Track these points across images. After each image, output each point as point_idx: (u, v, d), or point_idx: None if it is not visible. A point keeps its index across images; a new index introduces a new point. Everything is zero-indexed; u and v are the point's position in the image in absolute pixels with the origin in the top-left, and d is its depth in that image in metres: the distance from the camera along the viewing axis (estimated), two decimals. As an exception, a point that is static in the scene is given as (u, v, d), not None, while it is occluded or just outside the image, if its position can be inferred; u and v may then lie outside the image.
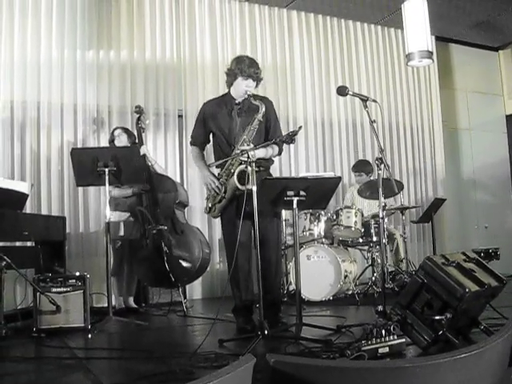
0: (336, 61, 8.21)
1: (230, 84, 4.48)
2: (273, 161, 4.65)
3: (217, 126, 4.49)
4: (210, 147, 4.72)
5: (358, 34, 8.46)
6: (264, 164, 4.43)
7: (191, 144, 4.74)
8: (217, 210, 4.45)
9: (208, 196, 4.53)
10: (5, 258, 4.31)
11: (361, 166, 7.03)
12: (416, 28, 6.27)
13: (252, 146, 4.18)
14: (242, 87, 4.35)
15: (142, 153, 5.45)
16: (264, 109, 4.31)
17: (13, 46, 6.20)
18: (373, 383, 1.08)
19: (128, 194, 5.63)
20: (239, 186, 4.13)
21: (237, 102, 4.46)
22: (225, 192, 4.34)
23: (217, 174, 4.47)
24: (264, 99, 4.49)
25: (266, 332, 3.68)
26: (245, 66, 4.33)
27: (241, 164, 4.19)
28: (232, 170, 4.27)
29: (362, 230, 6.30)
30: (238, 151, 4.13)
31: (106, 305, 4.96)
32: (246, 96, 4.34)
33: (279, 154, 4.62)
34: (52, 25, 6.43)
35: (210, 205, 4.49)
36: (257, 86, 4.45)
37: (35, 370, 3.41)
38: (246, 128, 4.31)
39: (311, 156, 7.79)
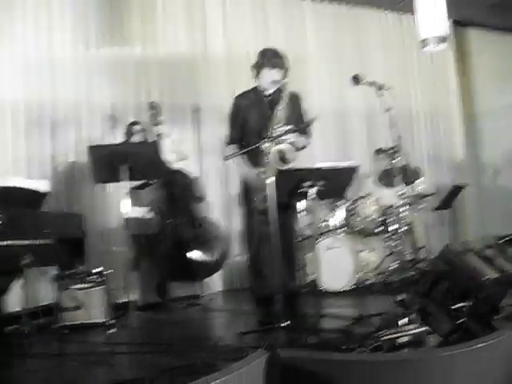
0: (350, 49, 8.15)
1: (256, 76, 4.47)
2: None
3: (248, 118, 4.47)
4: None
5: (371, 21, 8.39)
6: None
7: (228, 143, 4.60)
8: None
9: (256, 191, 4.35)
10: (27, 256, 4.36)
11: (383, 149, 7.00)
12: (431, 12, 6.19)
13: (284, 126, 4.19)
14: (269, 77, 4.36)
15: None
16: (288, 88, 4.31)
17: (26, 45, 6.23)
18: (384, 376, 1.08)
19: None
20: (280, 166, 4.09)
21: (266, 94, 4.46)
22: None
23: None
24: (292, 91, 4.48)
25: (285, 323, 3.69)
26: (269, 57, 4.35)
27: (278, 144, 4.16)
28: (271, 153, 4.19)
29: (381, 218, 6.27)
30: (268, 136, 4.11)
31: (126, 300, 5.00)
32: (276, 86, 4.35)
33: (304, 147, 4.61)
34: (65, 23, 6.45)
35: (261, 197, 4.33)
36: (285, 76, 4.41)
37: (59, 366, 3.46)
38: (274, 109, 4.31)
39: (328, 146, 7.76)
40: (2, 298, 4.54)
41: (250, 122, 4.46)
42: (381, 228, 6.35)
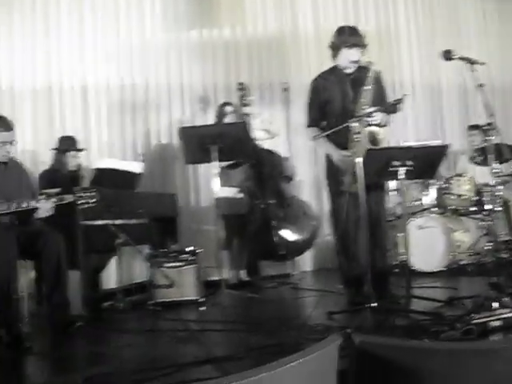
0: (443, 22, 7.84)
1: (335, 56, 4.36)
2: None
3: (331, 99, 4.37)
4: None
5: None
6: None
7: (309, 126, 4.54)
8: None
9: (344, 173, 4.25)
10: (122, 235, 4.54)
11: (477, 126, 6.74)
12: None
13: (373, 108, 4.09)
14: (349, 57, 4.25)
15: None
16: (373, 68, 4.18)
17: (119, 31, 6.43)
18: (461, 365, 1.06)
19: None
20: (371, 147, 4.03)
21: (347, 72, 4.37)
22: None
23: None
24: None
25: (374, 304, 3.67)
26: (346, 36, 4.23)
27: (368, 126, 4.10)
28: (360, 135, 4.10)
29: (475, 198, 6.07)
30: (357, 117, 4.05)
31: (217, 278, 5.10)
32: (356, 65, 4.28)
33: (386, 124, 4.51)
34: (156, 7, 6.61)
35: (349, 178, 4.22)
36: (363, 53, 4.31)
37: (152, 342, 3.59)
38: (358, 88, 4.20)
39: (419, 122, 7.56)
40: (98, 275, 4.75)
41: (332, 103, 4.36)
42: (475, 207, 6.15)
